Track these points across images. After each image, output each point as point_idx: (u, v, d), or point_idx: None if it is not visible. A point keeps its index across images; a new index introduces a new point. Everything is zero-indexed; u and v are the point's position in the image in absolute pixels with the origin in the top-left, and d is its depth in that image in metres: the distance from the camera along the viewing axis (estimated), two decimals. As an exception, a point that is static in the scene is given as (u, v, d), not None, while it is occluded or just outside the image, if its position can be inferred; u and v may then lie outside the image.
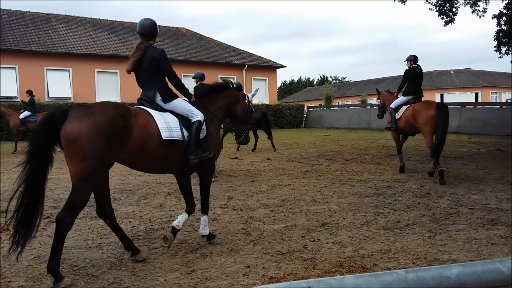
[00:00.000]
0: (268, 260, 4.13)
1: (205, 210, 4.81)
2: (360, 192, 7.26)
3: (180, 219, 4.68)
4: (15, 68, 23.74)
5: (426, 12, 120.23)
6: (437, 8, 18.21)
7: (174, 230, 4.62)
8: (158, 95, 4.52)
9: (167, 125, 4.32)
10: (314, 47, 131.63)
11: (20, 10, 27.71)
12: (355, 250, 4.37)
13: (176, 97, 4.62)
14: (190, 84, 6.65)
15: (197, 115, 4.57)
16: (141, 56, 4.51)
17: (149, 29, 4.65)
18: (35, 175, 3.67)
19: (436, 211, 5.93)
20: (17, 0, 34.33)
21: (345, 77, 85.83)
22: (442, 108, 8.26)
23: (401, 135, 9.62)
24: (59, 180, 8.99)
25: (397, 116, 9.09)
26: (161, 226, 5.40)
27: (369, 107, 30.46)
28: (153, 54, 4.50)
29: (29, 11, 27.99)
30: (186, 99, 4.84)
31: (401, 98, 9.24)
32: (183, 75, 28.93)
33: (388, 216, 5.71)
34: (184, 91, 4.82)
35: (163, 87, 4.57)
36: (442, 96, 49.49)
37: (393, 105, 9.29)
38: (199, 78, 9.92)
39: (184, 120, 4.51)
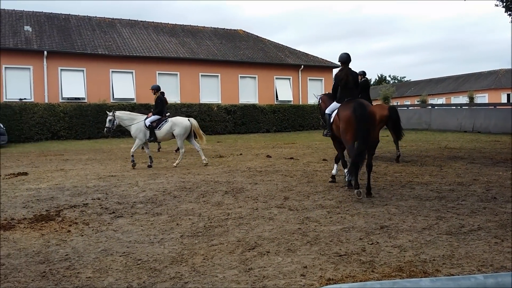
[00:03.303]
0: (325, 262, 4.11)
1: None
2: (421, 195, 7.04)
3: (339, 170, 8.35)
4: (83, 70, 25.07)
5: (491, 8, 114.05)
6: (504, 3, 17.19)
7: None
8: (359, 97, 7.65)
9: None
10: (372, 46, 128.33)
11: (87, 16, 29.26)
12: (416, 255, 4.26)
13: None
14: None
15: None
16: (348, 75, 7.51)
17: (346, 59, 7.66)
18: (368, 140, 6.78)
19: (503, 216, 5.64)
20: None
21: (404, 77, 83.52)
22: (394, 110, 11.03)
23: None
24: (123, 177, 9.39)
25: None
26: (219, 223, 5.51)
27: (429, 107, 29.40)
28: (355, 74, 7.69)
29: (95, 16, 29.49)
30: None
31: None
32: (240, 76, 29.39)
33: (451, 220, 5.50)
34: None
35: (359, 93, 7.79)
36: (508, 96, 46.69)
37: None
38: (155, 89, 12.34)
39: None
